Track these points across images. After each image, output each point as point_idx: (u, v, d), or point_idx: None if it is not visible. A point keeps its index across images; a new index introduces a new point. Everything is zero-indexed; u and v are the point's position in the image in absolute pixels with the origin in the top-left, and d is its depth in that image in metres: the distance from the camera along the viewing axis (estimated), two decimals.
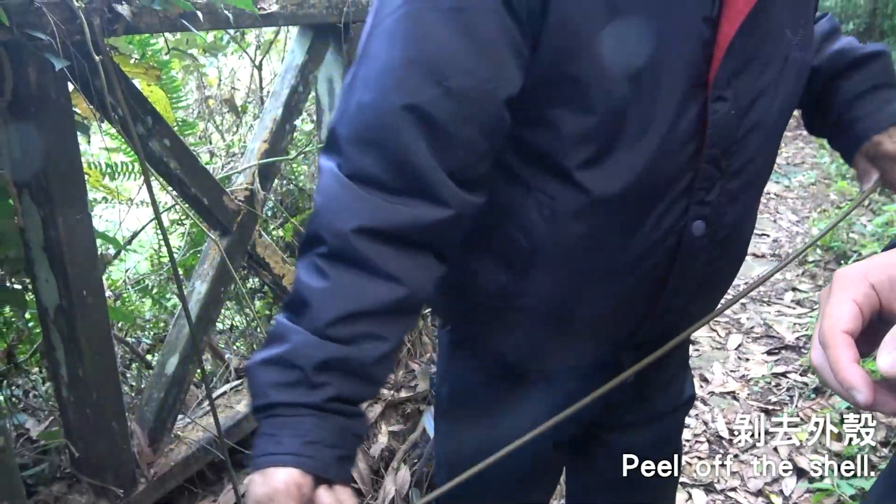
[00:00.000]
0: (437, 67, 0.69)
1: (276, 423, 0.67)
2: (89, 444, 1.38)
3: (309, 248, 0.71)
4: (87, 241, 1.23)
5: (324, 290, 0.69)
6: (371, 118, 0.70)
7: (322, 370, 0.67)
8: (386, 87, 0.69)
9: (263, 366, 0.69)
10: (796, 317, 3.25)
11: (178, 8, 1.21)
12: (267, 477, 0.64)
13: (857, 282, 0.57)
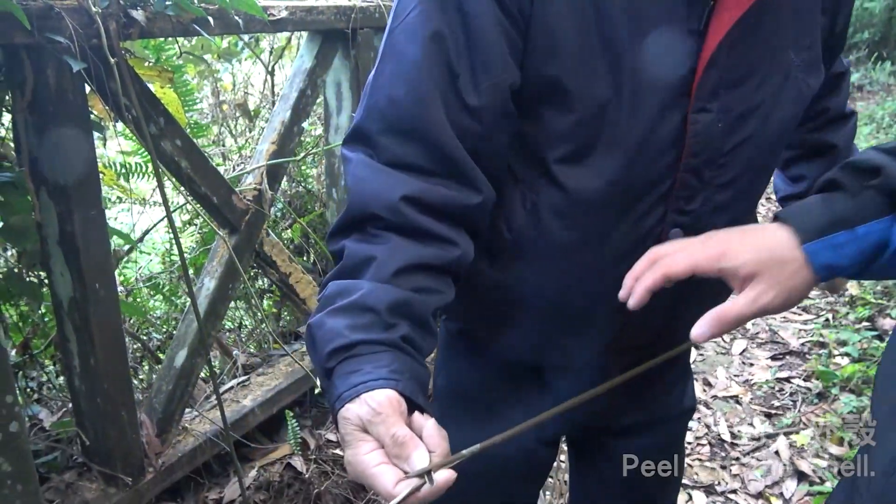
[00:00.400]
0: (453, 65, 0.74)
1: (357, 361, 0.67)
2: (99, 433, 1.42)
3: (359, 226, 0.75)
4: (100, 236, 1.28)
5: (385, 248, 0.73)
6: (406, 111, 0.74)
7: (394, 312, 0.69)
8: (416, 80, 0.73)
9: (333, 314, 0.70)
10: (801, 323, 3.25)
11: (191, 13, 1.26)
12: (365, 400, 0.63)
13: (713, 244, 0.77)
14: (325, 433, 2.00)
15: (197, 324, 1.60)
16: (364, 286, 0.71)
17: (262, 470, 1.82)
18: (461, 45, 0.74)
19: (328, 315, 0.70)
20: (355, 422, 0.63)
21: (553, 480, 2.01)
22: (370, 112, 0.77)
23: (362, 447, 0.61)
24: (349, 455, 0.62)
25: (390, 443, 0.61)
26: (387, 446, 0.61)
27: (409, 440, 0.61)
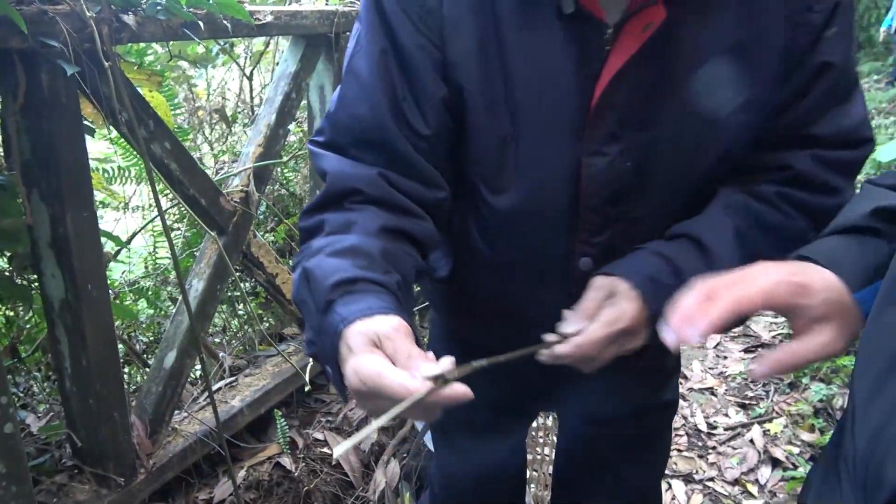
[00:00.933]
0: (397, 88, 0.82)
1: (361, 295, 0.70)
2: (91, 434, 1.43)
3: (338, 201, 0.81)
4: (93, 237, 1.30)
5: (366, 215, 0.79)
6: (369, 126, 0.82)
7: (386, 259, 0.75)
8: (374, 100, 0.82)
9: (330, 256, 0.74)
10: (772, 317, 3.35)
11: (181, 18, 1.28)
12: (382, 319, 0.66)
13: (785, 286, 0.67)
14: (313, 432, 2.02)
15: (186, 325, 1.61)
16: (353, 237, 0.76)
17: (251, 469, 1.83)
18: (399, 71, 0.82)
19: (325, 257, 0.75)
20: (369, 335, 0.65)
21: (538, 473, 2.05)
22: (338, 126, 0.85)
23: (374, 356, 0.63)
24: (358, 363, 0.63)
25: (404, 358, 0.63)
26: (399, 361, 0.63)
27: (422, 357, 0.63)
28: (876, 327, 0.66)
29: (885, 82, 8.86)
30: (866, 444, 0.62)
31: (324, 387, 2.21)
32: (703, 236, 0.83)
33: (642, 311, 0.78)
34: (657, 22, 0.74)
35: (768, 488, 2.21)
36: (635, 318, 0.77)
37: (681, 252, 0.82)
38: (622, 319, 0.77)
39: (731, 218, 0.84)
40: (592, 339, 0.76)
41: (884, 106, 7.00)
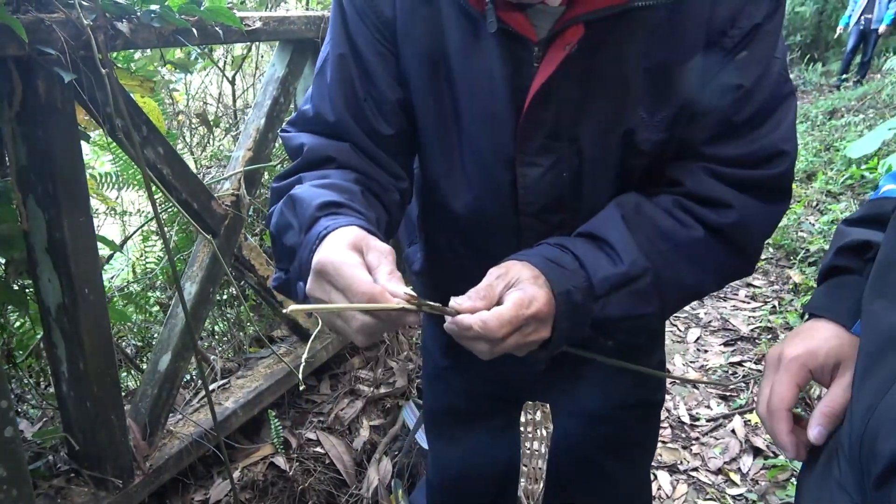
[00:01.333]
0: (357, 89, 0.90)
1: (348, 217, 0.75)
2: (89, 437, 1.45)
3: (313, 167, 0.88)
4: (89, 242, 1.31)
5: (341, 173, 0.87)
6: (332, 123, 0.90)
7: (365, 197, 0.83)
8: (334, 101, 0.90)
9: (314, 187, 0.80)
10: (750, 311, 3.44)
11: (173, 25, 1.31)
12: (368, 230, 0.72)
13: (799, 368, 0.80)
14: (305, 432, 2.04)
15: (180, 328, 1.63)
16: (334, 179, 0.83)
17: (245, 470, 1.85)
18: (359, 74, 0.89)
19: (310, 187, 0.80)
20: (356, 238, 0.69)
21: (528, 468, 2.09)
22: (307, 120, 0.92)
23: (354, 254, 0.67)
24: (336, 250, 0.67)
25: (385, 273, 0.67)
26: (376, 272, 0.67)
27: (399, 279, 0.67)
28: (866, 316, 0.71)
29: (854, 81, 9.04)
30: (860, 421, 0.65)
31: (314, 387, 2.23)
32: (594, 230, 0.85)
33: (550, 296, 0.76)
34: (574, 41, 0.77)
35: (750, 476, 2.28)
36: (546, 303, 0.74)
37: (576, 242, 0.84)
38: (533, 304, 0.73)
39: (617, 209, 0.86)
40: (502, 319, 0.71)
41: (853, 104, 7.17)
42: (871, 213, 0.87)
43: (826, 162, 5.42)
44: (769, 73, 0.82)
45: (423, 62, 0.87)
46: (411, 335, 2.54)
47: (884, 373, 0.63)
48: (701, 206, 0.85)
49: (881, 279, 0.70)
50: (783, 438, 0.80)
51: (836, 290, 0.85)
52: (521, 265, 0.78)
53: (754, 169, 0.84)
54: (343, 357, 2.33)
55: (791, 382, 0.80)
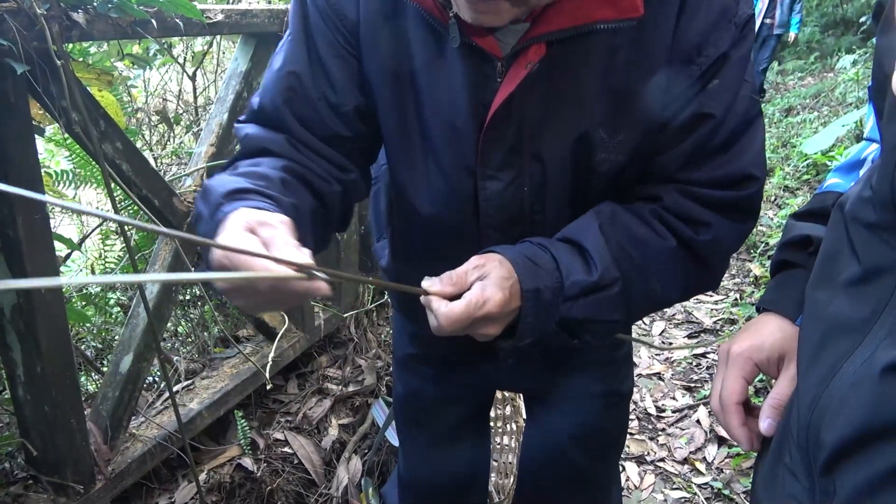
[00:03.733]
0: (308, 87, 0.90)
1: (250, 201, 0.74)
2: (48, 442, 1.40)
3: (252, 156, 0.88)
4: (45, 240, 1.27)
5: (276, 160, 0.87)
6: (271, 115, 0.91)
7: (284, 185, 0.82)
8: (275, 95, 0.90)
9: (235, 175, 0.80)
10: (713, 304, 3.50)
11: (132, 16, 1.27)
12: (265, 211, 0.71)
13: (744, 362, 0.84)
14: (273, 432, 2.01)
15: (142, 328, 1.59)
16: (262, 165, 0.83)
17: (212, 472, 1.81)
18: (315, 75, 0.89)
19: (226, 175, 0.80)
20: (247, 219, 0.67)
21: (498, 462, 2.10)
22: (254, 110, 0.93)
23: (245, 234, 0.66)
24: (226, 235, 0.66)
25: (280, 244, 0.65)
26: (273, 248, 0.65)
27: (295, 247, 0.66)
28: (811, 306, 0.73)
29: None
30: (806, 410, 0.67)
31: (282, 387, 2.20)
32: (573, 236, 0.86)
33: (508, 298, 0.77)
34: (536, 60, 0.78)
35: (715, 465, 2.32)
36: (499, 305, 0.76)
37: (556, 245, 0.86)
38: (486, 305, 0.75)
39: (595, 217, 0.87)
40: (450, 316, 0.75)
41: (808, 102, 7.36)
42: (816, 207, 0.91)
43: (783, 158, 5.56)
44: (740, 98, 0.83)
45: (388, 74, 0.88)
46: (380, 332, 2.52)
47: (827, 361, 0.65)
48: (678, 221, 0.87)
49: (823, 270, 0.72)
50: (736, 432, 0.84)
51: (783, 284, 0.89)
52: (499, 261, 0.80)
53: (726, 190, 0.86)
54: (311, 356, 2.30)
55: (738, 377, 0.84)
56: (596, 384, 1.22)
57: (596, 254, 0.83)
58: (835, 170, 0.96)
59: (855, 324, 0.64)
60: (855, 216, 0.67)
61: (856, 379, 0.61)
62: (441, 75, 0.85)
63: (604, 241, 0.84)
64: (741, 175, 0.85)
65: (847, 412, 0.61)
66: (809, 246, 0.87)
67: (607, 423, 1.28)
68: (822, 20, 11.10)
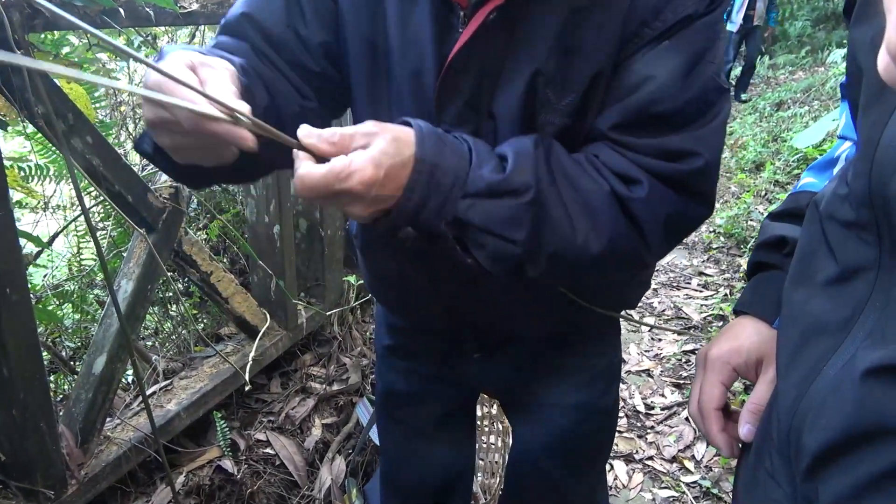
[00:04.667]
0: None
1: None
2: (17, 447, 1.35)
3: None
4: (10, 239, 1.22)
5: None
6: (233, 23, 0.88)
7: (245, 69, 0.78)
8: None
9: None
10: (703, 299, 3.49)
11: (100, 5, 1.22)
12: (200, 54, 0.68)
13: (722, 367, 0.82)
14: (255, 433, 1.97)
15: (115, 328, 1.54)
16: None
17: (190, 475, 1.77)
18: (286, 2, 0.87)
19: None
20: (188, 57, 0.64)
21: (483, 462, 2.07)
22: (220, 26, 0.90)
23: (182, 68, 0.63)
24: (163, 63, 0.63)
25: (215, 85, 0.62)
26: (206, 84, 0.62)
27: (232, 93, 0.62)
28: (788, 306, 0.71)
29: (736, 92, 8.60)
30: (786, 414, 0.66)
31: (264, 386, 2.16)
32: (504, 145, 0.80)
33: (385, 175, 0.67)
34: (493, 9, 0.75)
35: (704, 463, 2.30)
36: (365, 182, 0.66)
37: (480, 143, 0.78)
38: (351, 179, 0.65)
39: (532, 138, 0.79)
40: (308, 180, 0.65)
41: (798, 96, 7.36)
42: (791, 208, 0.90)
43: (774, 152, 5.55)
44: (695, 74, 0.77)
45: (363, 19, 0.86)
46: (365, 330, 2.49)
47: (807, 363, 0.64)
48: (612, 175, 0.80)
49: (800, 270, 0.71)
50: (716, 438, 0.82)
51: (759, 286, 0.88)
52: (394, 135, 0.69)
53: (663, 160, 0.79)
54: (294, 354, 2.26)
55: (716, 382, 0.82)
56: (570, 395, 1.17)
57: (515, 157, 0.75)
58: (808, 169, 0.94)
59: (834, 324, 0.62)
60: (831, 215, 0.66)
61: (836, 382, 0.60)
62: (410, 24, 0.83)
63: (532, 151, 0.76)
64: (679, 149, 0.79)
65: (828, 416, 0.60)
66: (785, 247, 0.86)
67: (583, 437, 1.22)
68: (812, 14, 11.11)
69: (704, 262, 3.96)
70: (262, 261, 2.02)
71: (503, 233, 0.73)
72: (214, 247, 2.40)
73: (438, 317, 1.08)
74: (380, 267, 1.10)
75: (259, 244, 2.08)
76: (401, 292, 1.11)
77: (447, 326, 1.11)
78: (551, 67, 0.80)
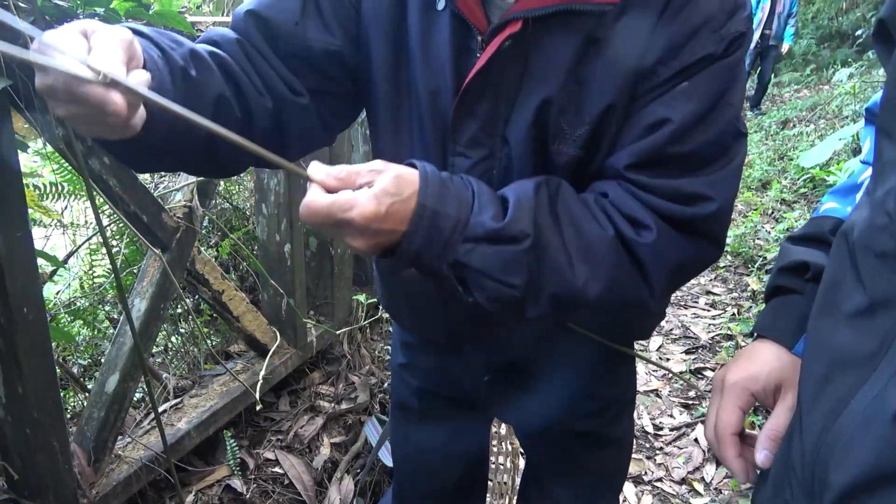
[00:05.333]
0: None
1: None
2: (28, 465, 1.36)
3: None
4: (27, 258, 1.23)
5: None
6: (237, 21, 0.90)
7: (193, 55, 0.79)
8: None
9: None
10: (710, 318, 3.47)
11: None
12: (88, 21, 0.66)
13: (740, 392, 0.81)
14: (264, 452, 1.97)
15: (128, 346, 1.55)
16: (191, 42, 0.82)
17: (199, 494, 1.77)
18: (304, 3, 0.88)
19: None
20: (86, 26, 0.62)
21: (492, 483, 2.06)
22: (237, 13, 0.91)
23: (75, 36, 0.61)
24: (55, 33, 0.61)
25: (103, 51, 0.60)
26: (92, 51, 0.60)
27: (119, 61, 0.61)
28: (814, 336, 0.70)
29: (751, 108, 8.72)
30: (811, 446, 0.65)
31: (273, 405, 2.16)
32: (506, 188, 0.81)
33: (386, 212, 0.69)
34: (507, 36, 0.77)
35: (714, 486, 2.29)
36: (366, 216, 0.68)
37: (483, 185, 0.78)
38: (352, 212, 0.67)
39: (537, 180, 0.80)
40: (313, 208, 0.68)
41: (804, 114, 7.37)
42: (812, 232, 0.89)
43: (780, 171, 5.55)
44: (713, 117, 0.77)
45: (386, 32, 0.87)
46: (374, 348, 2.49)
47: (833, 396, 0.63)
48: (621, 217, 0.79)
49: (826, 300, 0.70)
50: (731, 463, 0.81)
51: (779, 310, 0.87)
52: (397, 175, 0.71)
53: (675, 203, 0.79)
54: (303, 372, 2.26)
55: (734, 407, 0.81)
56: (581, 423, 1.16)
57: (515, 204, 0.75)
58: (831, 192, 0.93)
59: (861, 357, 0.61)
60: (867, 245, 0.65)
61: (865, 418, 0.59)
62: (432, 42, 0.84)
63: (533, 197, 0.76)
64: (693, 192, 0.78)
65: (856, 453, 0.59)
66: (806, 272, 0.85)
67: (594, 465, 1.21)
68: (817, 32, 11.16)
69: (712, 280, 3.96)
70: (272, 279, 2.03)
71: (502, 277, 0.74)
72: (224, 264, 2.41)
73: (446, 336, 1.09)
74: (392, 283, 1.11)
75: (270, 262, 2.09)
76: (411, 310, 1.12)
77: (455, 346, 1.12)
78: (564, 97, 0.80)
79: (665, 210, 0.78)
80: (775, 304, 0.88)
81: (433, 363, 1.22)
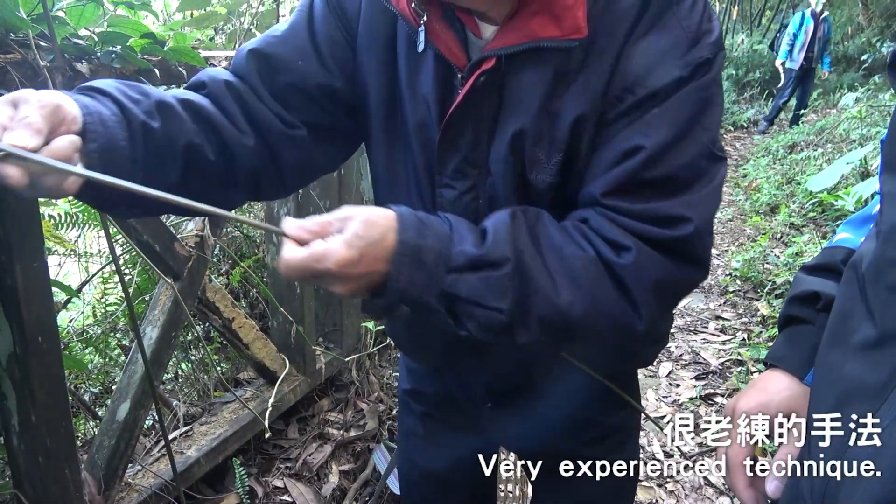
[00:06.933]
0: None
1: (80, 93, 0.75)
2: (40, 493, 1.37)
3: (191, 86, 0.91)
4: (43, 289, 1.26)
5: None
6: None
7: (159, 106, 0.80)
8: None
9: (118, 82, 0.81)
10: (720, 344, 3.46)
11: (135, 65, 1.28)
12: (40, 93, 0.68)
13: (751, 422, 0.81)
14: (272, 480, 1.97)
15: (139, 374, 1.57)
16: (166, 92, 0.84)
17: None
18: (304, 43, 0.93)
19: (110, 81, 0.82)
20: (18, 95, 0.65)
21: None
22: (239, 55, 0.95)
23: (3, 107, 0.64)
24: None
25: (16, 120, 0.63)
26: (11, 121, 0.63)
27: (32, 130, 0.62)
28: (823, 366, 0.71)
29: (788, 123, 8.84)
30: (820, 479, 0.65)
31: (282, 432, 2.16)
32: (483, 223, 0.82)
33: (360, 255, 0.71)
34: (481, 72, 0.81)
35: None
36: (340, 262, 0.69)
37: (459, 219, 0.80)
38: (325, 261, 0.69)
39: (514, 209, 0.81)
40: (290, 264, 0.70)
41: (812, 138, 7.38)
42: (825, 262, 0.90)
43: (788, 195, 5.55)
44: (688, 143, 0.78)
45: (381, 70, 0.91)
46: (382, 375, 2.49)
47: (843, 427, 0.63)
48: (600, 240, 0.80)
49: (836, 331, 0.71)
50: (742, 493, 0.82)
51: (791, 340, 0.88)
52: (365, 218, 0.72)
53: (653, 226, 0.79)
54: (312, 399, 2.27)
55: (745, 436, 0.82)
56: (585, 450, 1.15)
57: (493, 232, 0.77)
58: (845, 223, 0.94)
59: (871, 389, 0.62)
60: (877, 277, 0.65)
61: (875, 450, 0.59)
62: (418, 80, 0.88)
63: (509, 223, 0.78)
64: (669, 215, 0.79)
65: (866, 485, 0.59)
66: (818, 302, 0.86)
67: (594, 493, 1.18)
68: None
69: (721, 305, 3.94)
70: (282, 306, 2.05)
71: (488, 303, 0.75)
72: (234, 291, 2.43)
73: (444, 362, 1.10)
74: None
75: (279, 290, 2.11)
76: (410, 336, 1.14)
77: (455, 372, 1.13)
78: (537, 128, 0.83)
79: (644, 233, 0.79)
80: (787, 333, 0.89)
81: (437, 389, 1.23)
